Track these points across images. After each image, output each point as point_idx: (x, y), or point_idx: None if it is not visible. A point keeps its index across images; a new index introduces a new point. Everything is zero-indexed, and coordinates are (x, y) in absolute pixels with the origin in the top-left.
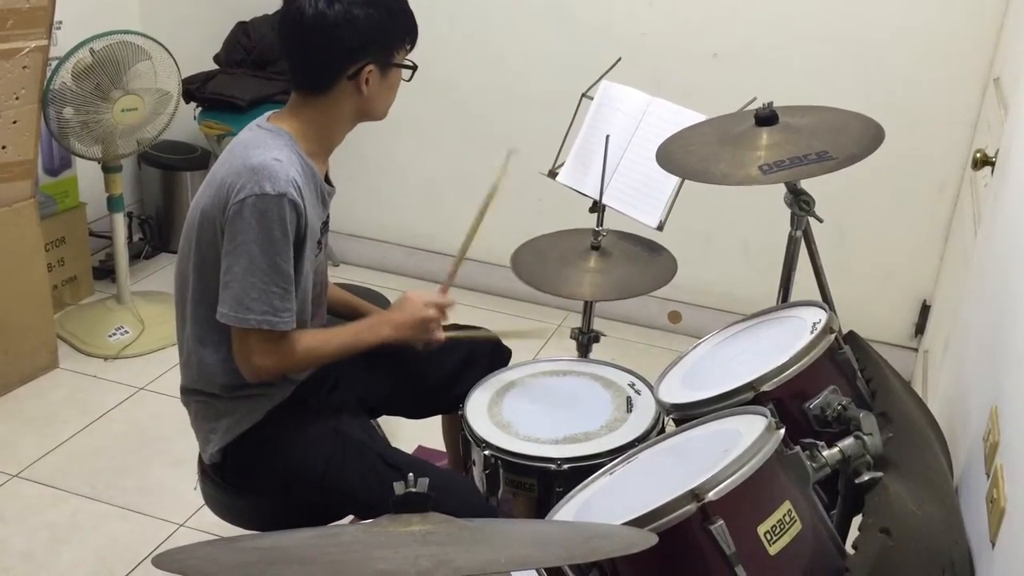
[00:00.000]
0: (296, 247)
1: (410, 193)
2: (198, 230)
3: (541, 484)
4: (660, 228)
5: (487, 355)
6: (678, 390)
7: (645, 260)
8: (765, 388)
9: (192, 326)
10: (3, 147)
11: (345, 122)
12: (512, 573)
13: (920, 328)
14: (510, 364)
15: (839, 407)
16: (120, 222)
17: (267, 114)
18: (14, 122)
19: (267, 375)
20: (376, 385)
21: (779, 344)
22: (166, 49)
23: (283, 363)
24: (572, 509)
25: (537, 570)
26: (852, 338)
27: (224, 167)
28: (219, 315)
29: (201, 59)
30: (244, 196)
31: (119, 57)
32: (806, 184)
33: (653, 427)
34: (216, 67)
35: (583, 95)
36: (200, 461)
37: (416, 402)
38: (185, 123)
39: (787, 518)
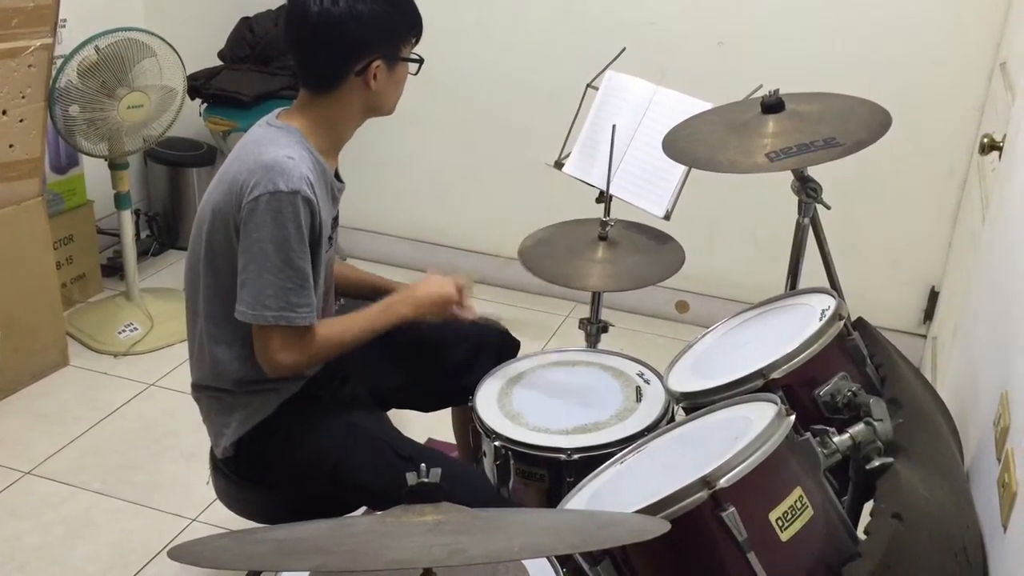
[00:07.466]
0: (312, 244)
1: (416, 186)
2: (209, 227)
3: (551, 474)
4: (667, 218)
5: (496, 346)
6: (688, 378)
7: (653, 250)
8: (775, 375)
9: (205, 323)
10: (10, 146)
11: (354, 118)
12: (524, 561)
13: (929, 314)
14: (519, 355)
15: (849, 393)
16: (128, 219)
17: (276, 111)
18: (21, 121)
19: (289, 371)
20: (386, 378)
21: (788, 331)
22: (171, 46)
23: (305, 357)
24: (583, 499)
25: (549, 558)
26: (861, 324)
27: (236, 164)
28: (237, 313)
29: (206, 55)
30: (258, 194)
31: (124, 54)
32: (813, 171)
33: (663, 416)
34: (220, 63)
35: (588, 85)
36: (212, 456)
37: (426, 394)
38: (191, 119)
39: (798, 504)
